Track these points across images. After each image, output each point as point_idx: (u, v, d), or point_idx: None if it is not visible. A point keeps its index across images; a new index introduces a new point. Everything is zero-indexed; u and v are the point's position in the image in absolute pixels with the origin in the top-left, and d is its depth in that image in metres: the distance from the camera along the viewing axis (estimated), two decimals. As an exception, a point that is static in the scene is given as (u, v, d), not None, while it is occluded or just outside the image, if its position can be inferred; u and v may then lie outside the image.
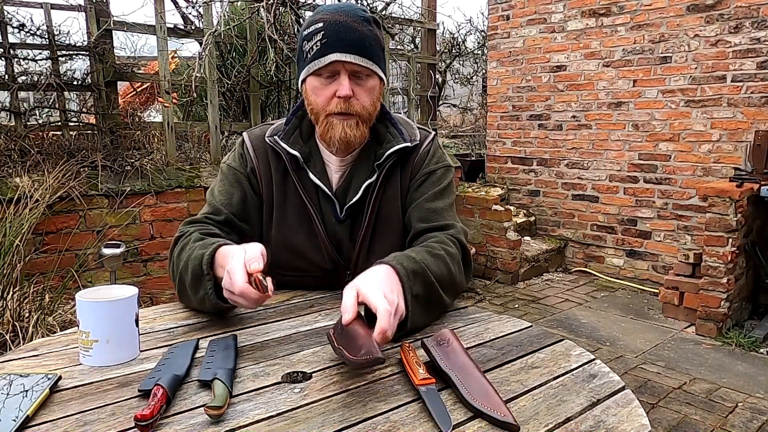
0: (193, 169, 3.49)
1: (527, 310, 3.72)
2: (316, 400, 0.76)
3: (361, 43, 1.09)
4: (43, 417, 0.71)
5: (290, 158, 1.18)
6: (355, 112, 1.11)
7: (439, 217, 1.18)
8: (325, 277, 1.22)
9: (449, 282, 1.07)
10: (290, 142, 1.18)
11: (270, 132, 1.21)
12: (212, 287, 1.00)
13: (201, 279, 1.01)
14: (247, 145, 1.23)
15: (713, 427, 2.30)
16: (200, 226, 1.16)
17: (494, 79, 5.08)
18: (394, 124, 1.22)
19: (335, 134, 1.12)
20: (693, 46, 3.87)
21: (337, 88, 1.09)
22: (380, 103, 1.20)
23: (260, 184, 1.21)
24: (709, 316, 3.24)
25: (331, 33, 1.08)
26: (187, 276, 1.04)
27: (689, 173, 3.97)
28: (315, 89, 1.12)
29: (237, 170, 1.22)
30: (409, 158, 1.22)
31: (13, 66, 3.21)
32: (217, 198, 1.21)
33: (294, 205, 1.20)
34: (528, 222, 4.81)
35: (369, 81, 1.12)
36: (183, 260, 1.06)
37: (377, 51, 1.13)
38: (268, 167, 1.21)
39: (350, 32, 1.08)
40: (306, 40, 1.11)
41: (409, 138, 1.21)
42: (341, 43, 1.07)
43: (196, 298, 1.04)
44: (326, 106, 1.11)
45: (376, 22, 1.15)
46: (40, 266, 2.79)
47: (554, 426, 0.70)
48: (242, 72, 3.77)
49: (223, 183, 1.22)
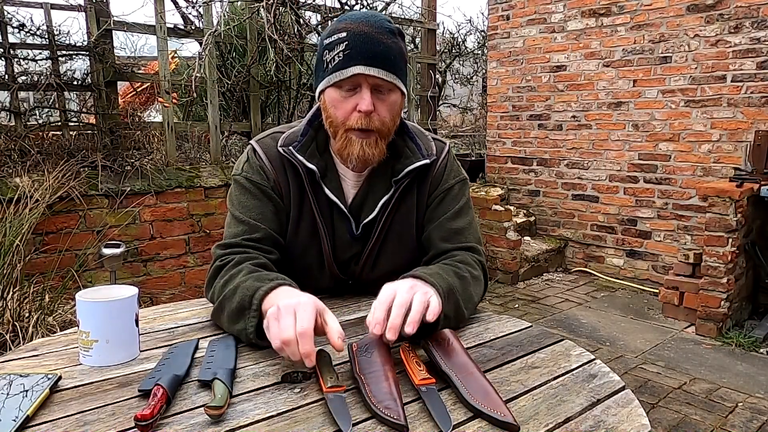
0: (193, 169, 3.49)
1: (527, 310, 3.72)
2: (316, 400, 0.76)
3: (385, 56, 1.03)
4: (43, 417, 0.71)
5: (307, 172, 1.11)
6: (375, 128, 1.06)
7: (462, 238, 1.16)
8: (327, 290, 1.20)
9: (472, 304, 1.07)
10: (307, 155, 1.11)
11: (283, 141, 1.13)
12: (254, 325, 0.91)
13: (245, 311, 0.92)
14: (261, 156, 1.14)
15: (713, 427, 2.30)
16: (243, 251, 1.07)
17: (494, 79, 5.08)
18: (413, 138, 1.17)
19: (353, 152, 1.07)
20: (693, 46, 3.87)
21: (358, 102, 1.04)
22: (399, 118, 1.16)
23: (283, 198, 1.14)
24: (709, 316, 3.24)
25: (355, 44, 1.02)
26: (232, 303, 0.95)
27: (689, 173, 3.97)
28: (334, 102, 1.06)
29: (261, 184, 1.13)
30: (426, 173, 1.17)
31: (13, 66, 3.21)
32: (248, 214, 1.11)
33: (307, 222, 1.14)
34: (528, 222, 4.81)
35: (391, 95, 1.07)
36: (230, 286, 0.98)
37: (401, 65, 1.07)
38: (287, 180, 1.13)
39: (375, 44, 1.03)
40: (327, 49, 1.05)
41: (427, 153, 1.16)
42: (365, 56, 1.02)
43: (232, 328, 0.96)
44: (346, 120, 1.06)
45: (401, 34, 1.09)
46: (40, 266, 2.79)
47: (554, 426, 0.70)
48: (242, 72, 3.77)
49: (248, 197, 1.13)
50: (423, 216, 1.19)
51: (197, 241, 3.36)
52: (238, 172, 1.16)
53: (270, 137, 1.17)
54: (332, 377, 0.78)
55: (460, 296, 1.02)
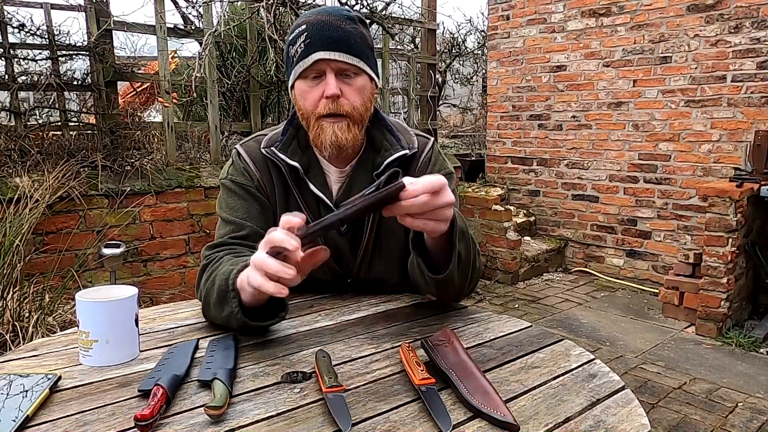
0: (193, 169, 3.49)
1: (527, 310, 3.72)
2: (316, 400, 0.76)
3: (345, 40, 1.06)
4: (43, 417, 0.71)
5: (290, 170, 1.14)
6: (345, 113, 1.07)
7: None
8: (327, 287, 1.20)
9: (479, 263, 1.09)
10: (289, 153, 1.14)
11: (265, 143, 1.16)
12: (238, 305, 0.92)
13: (226, 295, 0.94)
14: (245, 158, 1.17)
15: (713, 427, 2.30)
16: (228, 248, 1.10)
17: (494, 79, 5.08)
18: (391, 130, 1.18)
19: (326, 138, 1.08)
20: (693, 46, 3.87)
21: (324, 89, 1.06)
22: (374, 107, 1.17)
23: (268, 197, 1.17)
24: (709, 316, 3.24)
25: (314, 32, 1.05)
26: (213, 293, 0.98)
27: (689, 173, 3.97)
28: (303, 93, 1.09)
29: (245, 185, 1.15)
30: (409, 167, 1.17)
31: (13, 66, 3.21)
32: (235, 214, 1.14)
33: None
34: (528, 222, 4.81)
35: (357, 80, 1.09)
36: (210, 279, 1.01)
37: (364, 49, 1.09)
38: (271, 180, 1.16)
39: (333, 30, 1.05)
40: (291, 44, 1.09)
41: (407, 145, 1.16)
42: (325, 42, 1.04)
43: (221, 315, 0.97)
44: (315, 108, 1.08)
45: (362, 21, 1.12)
46: (40, 266, 2.79)
47: (554, 426, 0.70)
48: (242, 72, 3.77)
49: (234, 199, 1.16)
50: None
51: (197, 241, 3.36)
52: (224, 176, 1.19)
53: (254, 140, 1.20)
54: (332, 377, 0.78)
55: (471, 242, 1.02)
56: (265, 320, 0.95)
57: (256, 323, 0.94)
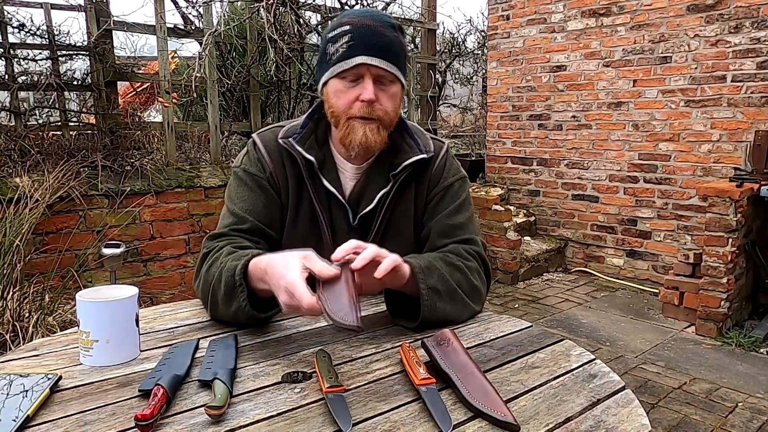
0: (193, 169, 3.49)
1: (527, 310, 3.72)
2: (316, 400, 0.76)
3: (388, 47, 1.08)
4: (43, 417, 0.71)
5: (305, 163, 1.15)
6: (377, 117, 1.09)
7: (460, 232, 1.18)
8: None
9: (469, 287, 1.09)
10: (306, 147, 1.15)
11: (283, 134, 1.17)
12: (246, 299, 0.95)
13: (234, 291, 0.96)
14: (260, 148, 1.18)
15: (713, 427, 2.30)
16: (228, 239, 1.11)
17: (494, 79, 5.08)
18: (410, 134, 1.20)
19: (356, 138, 1.09)
20: (693, 46, 3.87)
21: (361, 92, 1.08)
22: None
23: (279, 189, 1.18)
24: (709, 316, 3.24)
25: (359, 36, 1.06)
26: (219, 289, 0.99)
27: (689, 173, 3.97)
28: (337, 92, 1.10)
29: (256, 175, 1.16)
30: (424, 171, 1.20)
31: (13, 66, 3.21)
32: (239, 206, 1.15)
33: (306, 212, 1.17)
34: (528, 222, 4.81)
35: (392, 87, 1.11)
36: (214, 274, 1.02)
37: (401, 58, 1.11)
38: (284, 172, 1.17)
39: (377, 36, 1.07)
40: (331, 42, 1.09)
41: (425, 149, 1.19)
42: (368, 47, 1.06)
43: (229, 311, 0.99)
44: (348, 109, 1.09)
45: (401, 29, 1.14)
46: (40, 266, 2.79)
47: (554, 426, 0.70)
48: (242, 72, 3.77)
49: (243, 189, 1.17)
50: (422, 213, 1.22)
51: (197, 241, 3.36)
52: (237, 164, 1.20)
53: (270, 131, 1.21)
54: (332, 377, 0.78)
55: (447, 274, 1.05)
56: (270, 310, 1.00)
57: (264, 315, 0.99)
